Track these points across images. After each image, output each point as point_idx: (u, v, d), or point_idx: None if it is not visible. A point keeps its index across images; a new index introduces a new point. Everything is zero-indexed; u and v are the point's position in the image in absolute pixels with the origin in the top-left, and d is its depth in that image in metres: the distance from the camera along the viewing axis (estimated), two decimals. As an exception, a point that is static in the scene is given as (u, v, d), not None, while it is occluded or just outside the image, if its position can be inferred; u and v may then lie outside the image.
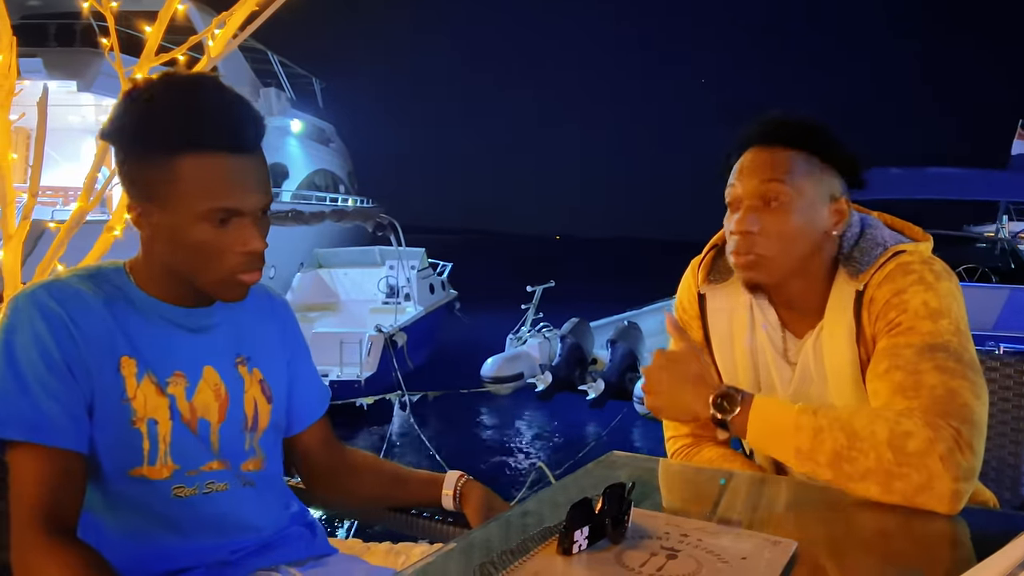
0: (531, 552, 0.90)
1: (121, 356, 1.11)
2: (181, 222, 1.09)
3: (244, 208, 1.11)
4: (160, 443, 1.12)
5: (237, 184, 1.09)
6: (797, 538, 0.95)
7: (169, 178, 1.07)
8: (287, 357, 1.33)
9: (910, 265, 1.28)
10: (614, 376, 9.45)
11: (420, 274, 12.90)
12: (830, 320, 1.34)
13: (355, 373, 9.98)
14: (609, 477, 1.09)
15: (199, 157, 1.07)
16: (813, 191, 1.31)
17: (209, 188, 1.08)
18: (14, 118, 2.99)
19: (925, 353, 1.20)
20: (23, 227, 3.00)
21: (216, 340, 1.21)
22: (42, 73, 10.70)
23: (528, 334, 11.02)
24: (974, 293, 8.23)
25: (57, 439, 1.05)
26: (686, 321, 1.51)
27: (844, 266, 1.33)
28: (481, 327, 13.61)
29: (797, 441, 1.15)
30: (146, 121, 1.08)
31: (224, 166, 1.08)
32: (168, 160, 1.07)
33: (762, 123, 1.35)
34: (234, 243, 1.11)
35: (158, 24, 3.11)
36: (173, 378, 1.15)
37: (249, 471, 1.22)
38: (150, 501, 1.13)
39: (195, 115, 1.07)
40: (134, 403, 1.11)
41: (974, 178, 10.06)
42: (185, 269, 1.13)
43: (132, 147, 1.10)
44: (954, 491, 1.08)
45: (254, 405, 1.23)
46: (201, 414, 1.16)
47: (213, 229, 1.10)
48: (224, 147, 1.08)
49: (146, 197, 1.10)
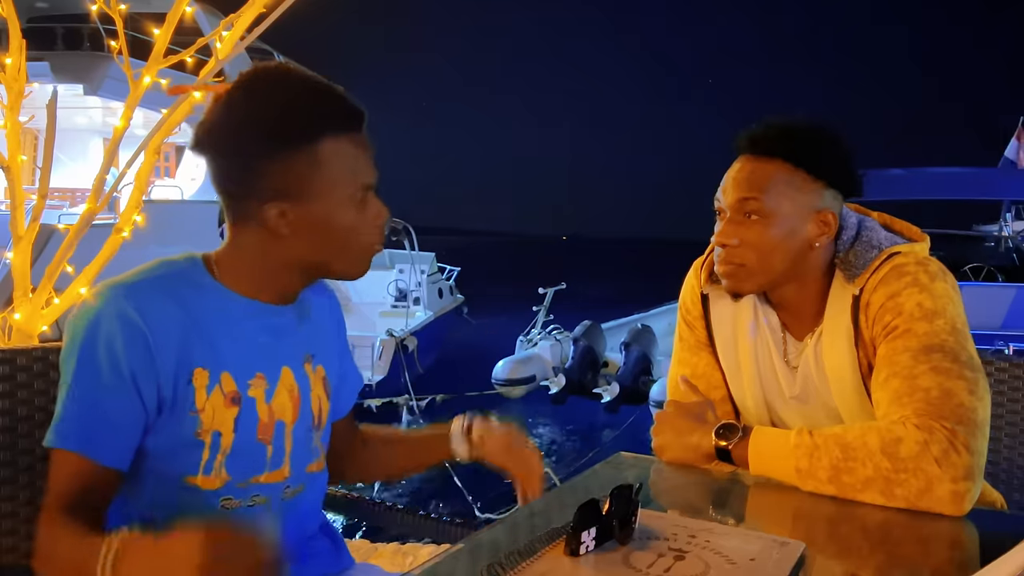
0: (538, 553, 0.90)
1: (195, 368, 1.08)
2: (329, 208, 1.09)
3: (375, 182, 1.13)
4: (219, 455, 1.11)
5: (368, 159, 1.13)
6: (805, 539, 0.95)
7: (314, 165, 1.07)
8: (340, 350, 1.34)
9: (904, 267, 1.27)
10: (628, 379, 9.41)
11: (429, 278, 12.90)
12: (829, 324, 1.33)
13: (367, 376, 9.99)
14: (616, 478, 1.09)
15: (337, 140, 1.09)
16: (793, 205, 1.30)
17: (353, 167, 1.10)
18: (23, 120, 3.01)
19: (921, 356, 1.20)
20: (32, 228, 3.02)
21: (291, 340, 1.19)
22: (49, 77, 10.74)
23: (539, 336, 10.99)
24: (981, 292, 8.19)
25: (103, 456, 1.05)
26: (690, 321, 1.50)
27: (841, 270, 1.33)
28: (489, 330, 13.59)
29: (796, 461, 1.17)
30: (284, 110, 1.07)
31: (359, 143, 1.11)
32: (309, 148, 1.07)
33: (750, 131, 1.34)
34: (373, 217, 1.13)
35: (166, 26, 3.12)
36: (255, 380, 1.13)
37: (311, 472, 1.22)
38: (195, 508, 1.11)
39: (328, 98, 1.09)
40: (202, 415, 1.09)
41: (975, 177, 10.05)
42: (325, 255, 1.13)
43: (266, 142, 1.07)
44: (954, 492, 1.08)
45: (319, 403, 1.23)
46: (279, 416, 1.16)
47: (356, 208, 1.11)
48: (352, 126, 1.11)
49: (285, 192, 1.08)
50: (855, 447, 1.14)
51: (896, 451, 1.11)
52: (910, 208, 9.47)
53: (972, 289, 8.21)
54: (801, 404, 1.39)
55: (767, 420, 1.43)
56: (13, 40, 2.93)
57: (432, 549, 1.38)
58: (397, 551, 1.53)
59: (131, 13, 3.36)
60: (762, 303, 1.41)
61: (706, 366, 1.48)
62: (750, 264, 1.31)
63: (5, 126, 2.99)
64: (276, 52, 18.03)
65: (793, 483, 1.18)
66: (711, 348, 1.48)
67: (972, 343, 1.24)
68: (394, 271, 12.85)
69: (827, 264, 1.35)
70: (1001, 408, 1.71)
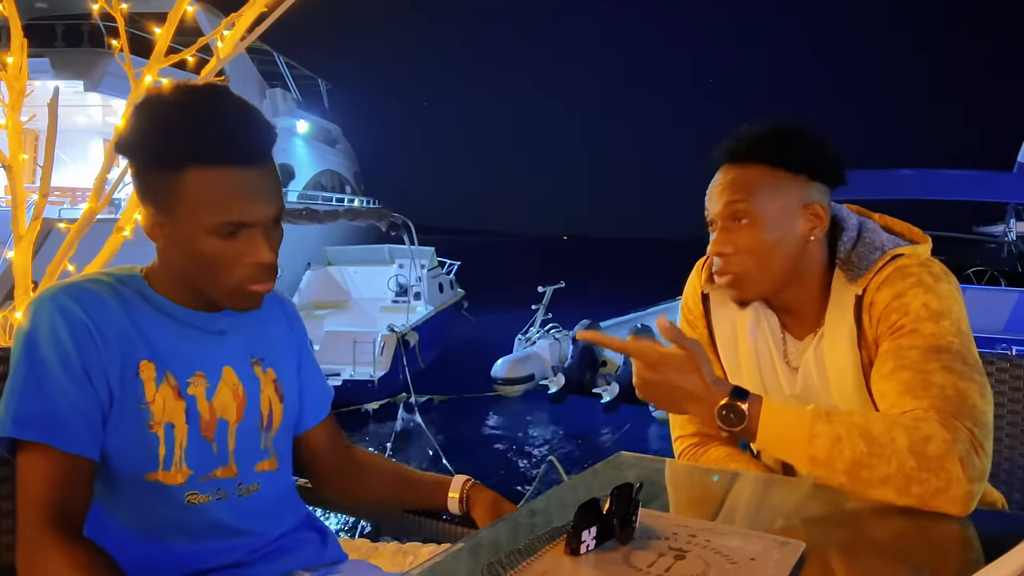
0: (539, 552, 0.90)
1: (140, 360, 1.11)
2: (190, 234, 1.09)
3: (252, 221, 1.10)
4: (176, 448, 1.12)
5: (243, 197, 1.08)
6: (805, 539, 0.95)
7: (176, 191, 1.07)
8: (297, 358, 1.34)
9: (908, 268, 1.28)
10: (628, 379, 9.38)
11: (430, 273, 12.91)
12: (831, 324, 1.34)
13: (368, 372, 10.00)
14: (617, 477, 1.09)
15: (204, 170, 1.06)
16: (779, 204, 1.31)
17: (215, 202, 1.07)
18: (24, 119, 3.01)
19: (931, 354, 1.20)
20: (34, 227, 3.02)
21: (232, 342, 1.21)
22: (49, 73, 10.76)
23: (537, 335, 10.99)
24: (983, 296, 8.21)
25: (70, 443, 1.05)
26: (691, 320, 1.52)
27: (842, 270, 1.33)
28: (488, 327, 13.60)
29: (813, 450, 1.12)
30: (153, 134, 1.08)
31: (230, 179, 1.07)
32: (174, 173, 1.07)
33: (727, 142, 1.36)
34: (243, 255, 1.11)
35: (168, 25, 3.12)
36: (194, 379, 1.15)
37: (263, 471, 1.23)
38: (164, 506, 1.13)
39: (199, 128, 1.06)
40: (152, 407, 1.11)
41: (981, 180, 10.05)
42: (197, 279, 1.14)
43: (141, 159, 1.10)
44: (968, 492, 1.08)
45: (269, 405, 1.24)
46: (220, 414, 1.17)
47: (221, 241, 1.09)
48: (229, 160, 1.07)
49: (157, 208, 1.10)
50: (882, 443, 1.09)
51: (925, 449, 1.09)
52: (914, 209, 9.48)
53: (975, 292, 8.23)
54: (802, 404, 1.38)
55: None
56: (15, 39, 2.93)
57: (432, 548, 1.38)
58: (397, 550, 1.53)
59: (132, 13, 3.37)
60: (762, 304, 1.41)
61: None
62: (750, 271, 1.32)
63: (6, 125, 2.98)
64: (276, 52, 18.07)
65: (802, 469, 1.15)
66: (712, 347, 1.49)
67: (975, 345, 1.24)
68: (394, 266, 12.85)
69: (825, 263, 1.36)
70: (1002, 408, 1.71)
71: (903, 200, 9.29)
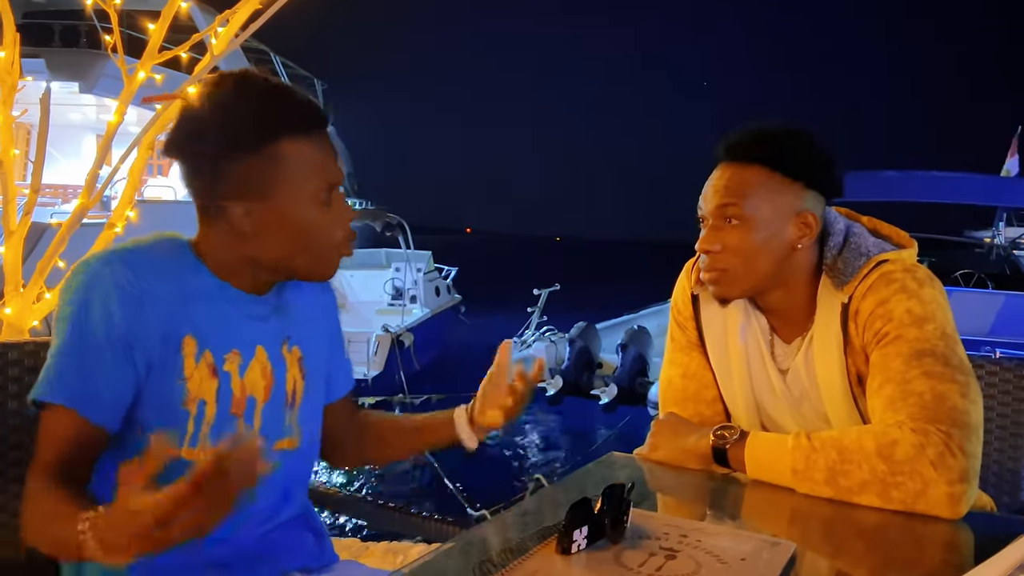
0: (530, 551, 0.90)
1: (184, 335, 1.12)
2: (292, 206, 1.12)
3: (340, 181, 1.16)
4: (204, 426, 1.13)
5: (331, 159, 1.15)
6: (796, 540, 0.95)
7: (272, 167, 1.10)
8: (329, 336, 1.35)
9: (892, 274, 1.28)
10: (625, 380, 9.41)
11: (426, 277, 12.89)
12: (819, 331, 1.34)
13: (362, 372, 9.98)
14: (609, 477, 1.09)
15: (297, 140, 1.11)
16: (772, 208, 1.31)
17: (315, 167, 1.12)
18: (16, 114, 3.00)
19: (912, 361, 1.21)
20: (24, 224, 3.00)
21: (269, 324, 1.22)
22: (45, 74, 10.69)
23: (533, 338, 10.97)
24: (970, 299, 8.25)
25: (94, 413, 1.06)
26: (681, 322, 1.52)
27: (828, 276, 1.33)
28: (484, 329, 13.57)
29: (793, 462, 1.18)
30: (237, 115, 1.10)
31: (319, 144, 1.14)
32: (268, 149, 1.09)
33: (727, 139, 1.36)
34: (339, 218, 1.16)
35: (161, 21, 3.12)
36: (230, 355, 1.16)
37: (281, 449, 1.23)
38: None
39: (284, 100, 1.12)
40: (189, 383, 1.11)
41: (971, 183, 10.09)
42: (291, 256, 1.15)
43: (228, 145, 1.10)
44: (950, 494, 1.09)
45: (294, 383, 1.25)
46: (251, 391, 1.18)
47: (321, 207, 1.13)
48: (315, 126, 1.14)
49: (249, 193, 1.10)
50: (851, 450, 1.15)
51: (892, 454, 1.12)
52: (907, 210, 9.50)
53: (962, 295, 8.27)
54: (792, 406, 1.39)
55: (757, 421, 1.44)
56: (7, 34, 2.92)
57: (423, 548, 1.38)
58: (388, 550, 1.53)
59: (126, 9, 3.35)
60: (752, 306, 1.42)
61: (697, 366, 1.49)
62: (734, 269, 1.32)
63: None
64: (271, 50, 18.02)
65: (789, 485, 1.18)
66: (702, 348, 1.49)
67: (962, 347, 1.25)
68: (390, 269, 12.83)
69: (813, 267, 1.36)
70: (991, 411, 1.71)
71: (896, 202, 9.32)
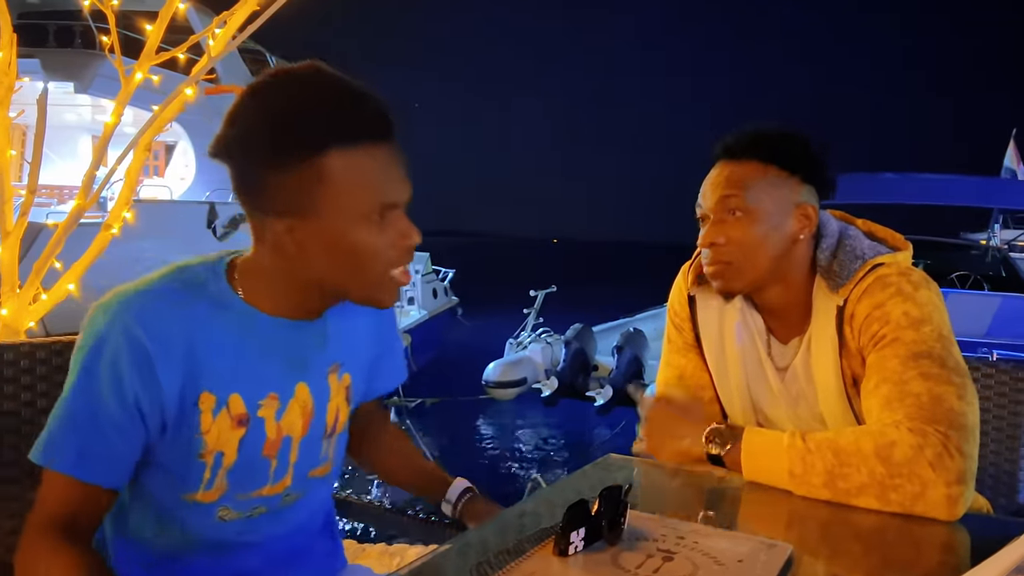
0: (527, 553, 0.90)
1: (202, 392, 1.03)
2: (340, 226, 0.98)
3: (401, 200, 1.02)
4: (221, 470, 1.07)
5: (392, 174, 1.01)
6: (793, 542, 0.95)
7: (318, 180, 0.97)
8: (377, 346, 1.26)
9: (888, 278, 1.29)
10: (621, 382, 9.42)
11: (424, 278, 12.89)
12: (816, 333, 1.35)
13: None
14: (606, 479, 1.09)
15: (348, 151, 0.97)
16: (773, 200, 1.33)
17: (367, 183, 0.99)
18: (12, 115, 2.99)
19: (909, 362, 1.22)
20: (21, 224, 3.00)
21: (316, 354, 1.13)
22: (40, 74, 10.68)
23: (528, 339, 10.98)
24: (966, 300, 8.25)
25: (97, 477, 1.01)
26: (677, 324, 1.53)
27: (824, 279, 1.35)
28: (481, 331, 13.58)
29: (790, 464, 1.16)
30: (283, 121, 0.97)
31: (376, 156, 0.99)
32: (314, 160, 0.96)
33: (725, 138, 1.39)
34: (395, 240, 1.02)
35: (159, 23, 3.11)
36: (267, 400, 1.08)
37: (315, 477, 1.18)
38: (191, 518, 1.09)
39: (336, 105, 0.98)
40: (206, 436, 1.04)
41: (967, 185, 10.12)
42: (339, 280, 1.03)
43: (271, 153, 0.97)
44: (948, 496, 1.09)
45: (336, 413, 1.17)
46: (287, 432, 1.11)
47: (373, 227, 1.00)
48: (372, 135, 0.99)
49: (292, 208, 0.98)
50: (849, 452, 1.14)
51: (890, 455, 1.11)
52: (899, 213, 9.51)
53: (958, 297, 8.27)
54: (789, 405, 1.40)
55: (753, 421, 1.45)
56: (4, 34, 2.91)
57: (420, 550, 1.37)
58: (384, 552, 1.52)
59: (123, 11, 3.35)
60: (748, 306, 1.43)
61: (694, 367, 1.50)
62: (737, 262, 1.34)
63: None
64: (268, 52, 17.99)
65: (787, 488, 1.18)
66: (698, 350, 1.50)
67: (958, 349, 1.26)
68: None
69: (809, 267, 1.37)
70: (987, 414, 1.72)
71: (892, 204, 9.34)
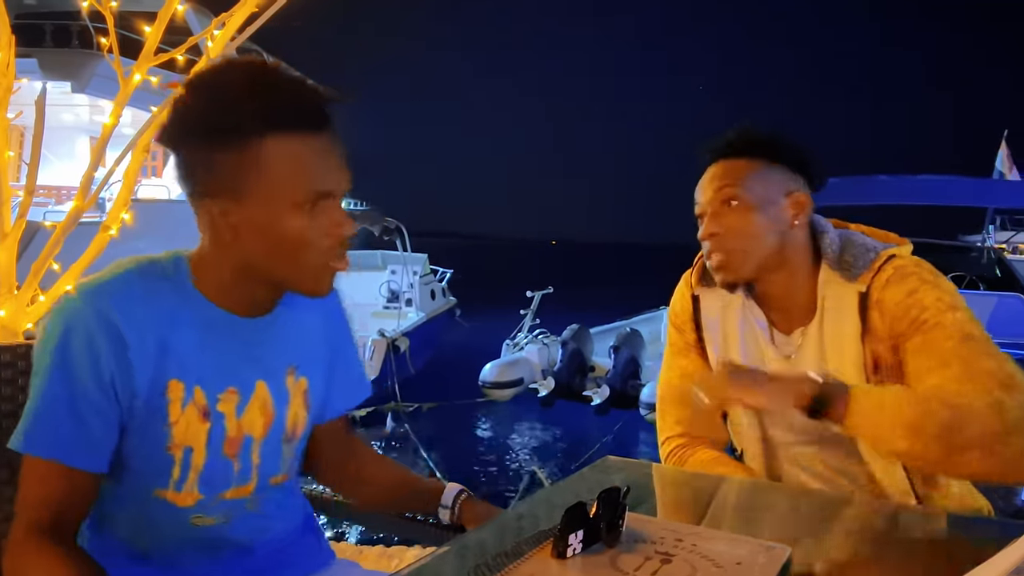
0: (525, 555, 0.90)
1: (170, 379, 1.05)
2: (271, 212, 1.01)
3: (335, 190, 1.04)
4: (191, 471, 1.08)
5: (327, 164, 1.03)
6: (791, 544, 0.95)
7: (254, 165, 1.00)
8: (330, 352, 1.26)
9: (906, 268, 1.34)
10: (617, 383, 9.42)
11: (422, 280, 12.85)
12: (829, 320, 1.38)
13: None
14: (604, 481, 1.09)
15: (285, 138, 1.00)
16: (765, 189, 1.39)
17: (300, 171, 1.01)
18: (11, 116, 2.99)
19: (965, 343, 1.26)
20: (19, 225, 2.99)
21: (272, 351, 1.15)
22: (37, 74, 10.67)
23: (525, 340, 10.98)
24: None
25: (80, 461, 1.02)
26: (679, 325, 1.56)
27: (836, 269, 1.39)
28: (478, 332, 13.57)
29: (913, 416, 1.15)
30: (223, 106, 1.00)
31: (311, 145, 1.02)
32: (251, 145, 0.99)
33: (714, 140, 1.45)
34: (328, 228, 1.04)
35: (157, 24, 3.11)
36: (225, 394, 1.09)
37: (276, 484, 1.19)
38: (167, 524, 1.10)
39: (275, 94, 1.01)
40: (174, 428, 1.05)
41: (959, 185, 10.18)
42: (273, 266, 1.05)
43: (208, 138, 1.00)
44: None
45: (295, 417, 1.19)
46: (247, 431, 1.12)
47: (305, 216, 1.02)
48: (308, 125, 1.02)
49: (226, 191, 1.01)
50: (963, 407, 1.15)
51: (1002, 413, 1.13)
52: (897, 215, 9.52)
53: None
54: None
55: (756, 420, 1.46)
56: (2, 35, 2.91)
57: (418, 552, 1.37)
58: (383, 554, 1.53)
59: (122, 11, 3.35)
60: (749, 300, 1.46)
61: (696, 367, 1.53)
62: (738, 250, 1.38)
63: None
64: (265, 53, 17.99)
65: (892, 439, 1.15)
66: (700, 349, 1.53)
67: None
68: (386, 272, 12.80)
69: (810, 258, 1.41)
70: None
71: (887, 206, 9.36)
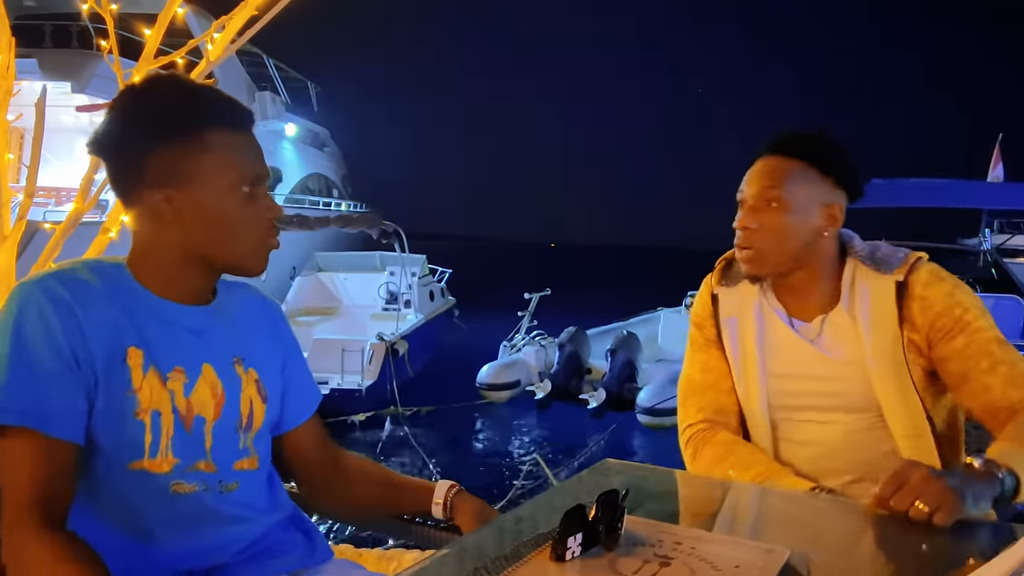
0: (524, 558, 0.90)
1: (129, 346, 1.11)
2: (214, 193, 1.15)
3: (265, 177, 1.21)
4: (163, 436, 1.12)
5: (255, 154, 1.20)
6: (790, 547, 0.95)
7: (200, 152, 1.14)
8: (281, 357, 1.34)
9: (938, 271, 1.50)
10: (614, 386, 9.41)
11: (421, 281, 12.82)
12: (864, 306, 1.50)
13: (356, 381, 9.88)
14: (603, 484, 1.09)
15: (222, 131, 1.16)
16: (806, 197, 1.49)
17: (236, 158, 1.17)
18: (11, 118, 2.99)
19: (1002, 347, 1.43)
20: (19, 227, 2.99)
21: (213, 340, 1.22)
22: (37, 74, 10.68)
23: (522, 342, 10.97)
24: None
25: (55, 429, 1.04)
26: (698, 323, 1.68)
27: (870, 266, 1.52)
28: (476, 334, 13.56)
29: None
30: (168, 105, 1.15)
31: (244, 140, 1.19)
32: (198, 135, 1.14)
33: (772, 136, 1.55)
34: (261, 211, 1.19)
35: (157, 27, 3.11)
36: (173, 372, 1.15)
37: (242, 469, 1.22)
38: (149, 496, 1.12)
39: (209, 97, 1.18)
40: (139, 394, 1.10)
41: (957, 188, 10.23)
42: (215, 247, 1.17)
43: (154, 133, 1.13)
44: None
45: (250, 404, 1.23)
46: (198, 411, 1.17)
47: (243, 199, 1.17)
48: (241, 124, 1.19)
49: (171, 180, 1.13)
50: None
51: None
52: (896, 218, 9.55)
53: None
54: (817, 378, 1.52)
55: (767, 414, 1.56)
56: (2, 37, 2.91)
57: (417, 554, 1.37)
58: (381, 556, 1.52)
59: (122, 13, 3.35)
60: (766, 290, 1.58)
61: (716, 361, 1.64)
62: (766, 247, 1.49)
63: (-8, 124, 2.96)
64: (265, 55, 18.00)
65: None
66: (719, 344, 1.64)
67: None
68: (385, 273, 12.79)
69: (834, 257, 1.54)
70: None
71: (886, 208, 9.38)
